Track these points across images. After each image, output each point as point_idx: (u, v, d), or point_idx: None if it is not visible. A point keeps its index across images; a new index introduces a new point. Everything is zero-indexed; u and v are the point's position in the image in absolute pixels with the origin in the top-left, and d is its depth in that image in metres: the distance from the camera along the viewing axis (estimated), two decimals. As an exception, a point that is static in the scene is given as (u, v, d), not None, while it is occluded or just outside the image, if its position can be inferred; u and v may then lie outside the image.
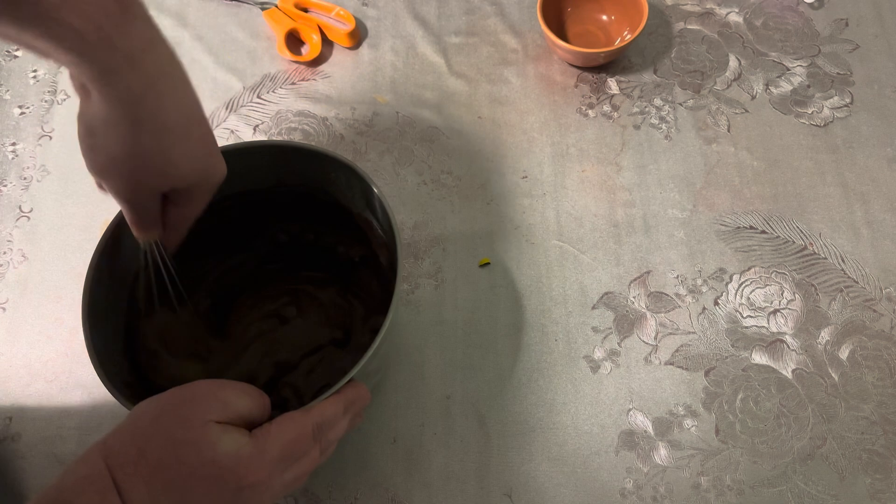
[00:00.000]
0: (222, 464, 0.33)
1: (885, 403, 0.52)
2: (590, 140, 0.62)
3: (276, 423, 0.36)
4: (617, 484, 0.51)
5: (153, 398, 0.36)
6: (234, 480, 0.34)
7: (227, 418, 0.35)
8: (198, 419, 0.34)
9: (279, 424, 0.36)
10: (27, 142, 0.64)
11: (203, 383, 0.36)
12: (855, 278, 0.56)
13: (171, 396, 0.35)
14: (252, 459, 0.34)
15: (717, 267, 0.57)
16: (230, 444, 0.34)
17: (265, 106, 0.65)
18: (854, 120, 0.62)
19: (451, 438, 0.52)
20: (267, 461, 0.35)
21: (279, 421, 0.37)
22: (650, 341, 0.55)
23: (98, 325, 0.42)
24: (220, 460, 0.33)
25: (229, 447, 0.34)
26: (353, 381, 0.40)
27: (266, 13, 0.68)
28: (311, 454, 0.38)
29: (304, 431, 0.37)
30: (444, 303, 0.56)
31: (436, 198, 0.60)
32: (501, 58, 0.66)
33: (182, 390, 0.36)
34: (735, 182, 0.60)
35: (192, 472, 0.33)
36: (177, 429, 0.34)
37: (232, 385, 0.37)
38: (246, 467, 0.34)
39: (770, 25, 0.67)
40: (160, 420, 0.34)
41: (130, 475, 0.32)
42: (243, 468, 0.34)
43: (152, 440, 0.33)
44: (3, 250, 0.60)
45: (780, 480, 0.50)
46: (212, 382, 0.37)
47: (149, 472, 0.33)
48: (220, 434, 0.34)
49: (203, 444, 0.33)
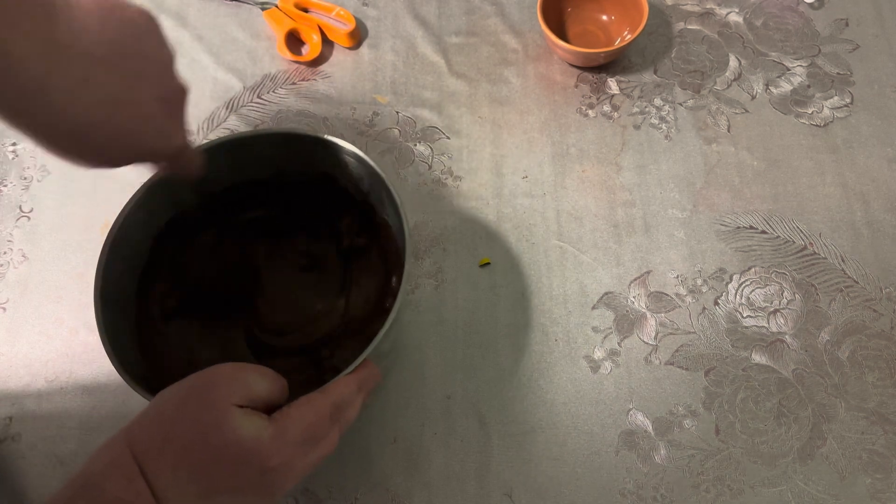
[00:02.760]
0: (246, 447, 0.34)
1: (885, 403, 0.52)
2: (590, 140, 0.62)
3: (296, 405, 0.37)
4: (617, 484, 0.51)
5: (175, 385, 0.36)
6: (257, 463, 0.34)
7: (248, 401, 0.35)
8: (221, 402, 0.34)
9: (298, 407, 0.37)
10: (27, 142, 0.64)
11: (224, 367, 0.36)
12: (855, 278, 0.56)
13: (194, 380, 0.36)
14: (274, 442, 0.34)
15: (717, 267, 0.57)
16: (252, 428, 0.34)
17: (265, 106, 0.65)
18: (854, 120, 0.62)
19: (451, 438, 0.52)
20: (289, 443, 0.35)
21: (298, 403, 0.37)
22: (650, 341, 0.55)
23: (110, 317, 0.43)
24: (243, 443, 0.33)
25: (252, 431, 0.34)
26: (365, 360, 0.40)
27: (266, 13, 0.68)
28: (331, 435, 0.38)
29: (322, 412, 0.37)
30: (444, 303, 0.56)
31: (436, 198, 0.60)
32: (501, 58, 0.66)
33: (204, 374, 0.36)
34: (735, 182, 0.60)
35: (217, 455, 0.33)
36: (201, 412, 0.34)
37: (252, 368, 0.37)
38: (269, 450, 0.34)
39: (770, 25, 0.67)
40: (184, 405, 0.35)
41: (155, 460, 0.33)
42: (266, 451, 0.34)
43: (177, 425, 0.34)
44: (4, 250, 0.60)
45: (780, 480, 0.50)
46: (233, 365, 0.37)
47: (174, 457, 0.33)
48: (243, 418, 0.34)
49: (227, 427, 0.33)
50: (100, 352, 0.41)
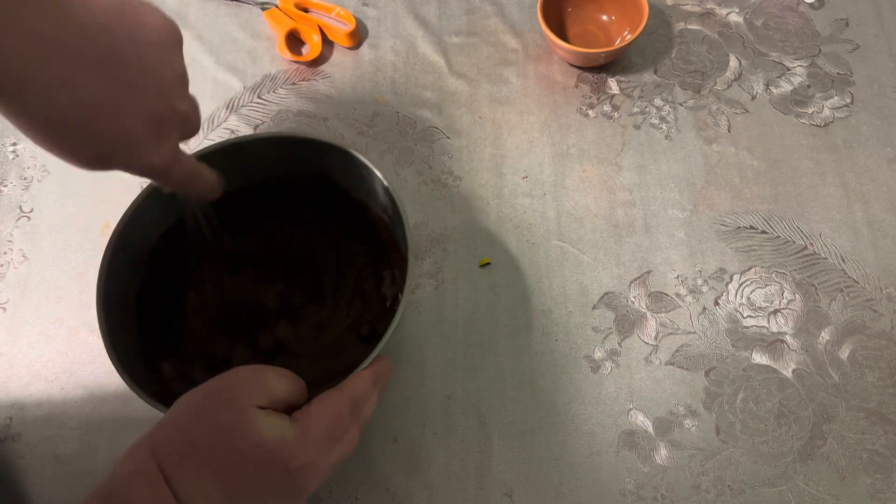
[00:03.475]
0: (270, 448, 0.33)
1: (885, 403, 0.52)
2: (590, 140, 0.62)
3: (315, 404, 0.37)
4: (617, 484, 0.51)
5: (195, 389, 0.36)
6: (282, 464, 0.34)
7: (269, 402, 0.35)
8: (242, 404, 0.34)
9: (318, 405, 0.37)
10: (27, 142, 0.64)
11: (244, 369, 0.36)
12: (855, 278, 0.56)
13: (215, 384, 0.36)
14: (297, 442, 0.34)
15: (718, 267, 0.57)
16: (276, 429, 0.34)
17: (266, 106, 0.65)
18: (854, 120, 0.62)
19: (451, 438, 0.52)
20: (311, 443, 0.35)
21: (317, 402, 0.37)
22: (650, 341, 0.55)
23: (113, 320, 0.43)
24: (266, 444, 0.33)
25: (275, 432, 0.34)
26: (379, 354, 0.41)
27: (266, 13, 0.68)
28: (351, 432, 0.38)
29: (341, 410, 0.37)
30: (444, 303, 0.56)
31: (436, 198, 0.60)
32: (502, 58, 0.66)
33: (224, 377, 0.36)
34: (735, 182, 0.60)
35: (241, 457, 0.33)
36: (223, 415, 0.34)
37: (271, 369, 0.37)
38: (293, 450, 0.34)
39: (770, 25, 0.67)
40: (205, 408, 0.34)
41: (179, 465, 0.32)
42: (290, 452, 0.34)
43: (199, 429, 0.34)
44: (4, 250, 0.60)
45: (780, 480, 0.50)
46: (252, 368, 0.37)
47: (198, 461, 0.33)
48: (265, 419, 0.34)
49: (249, 429, 0.33)
50: (100, 352, 0.41)
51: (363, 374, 0.40)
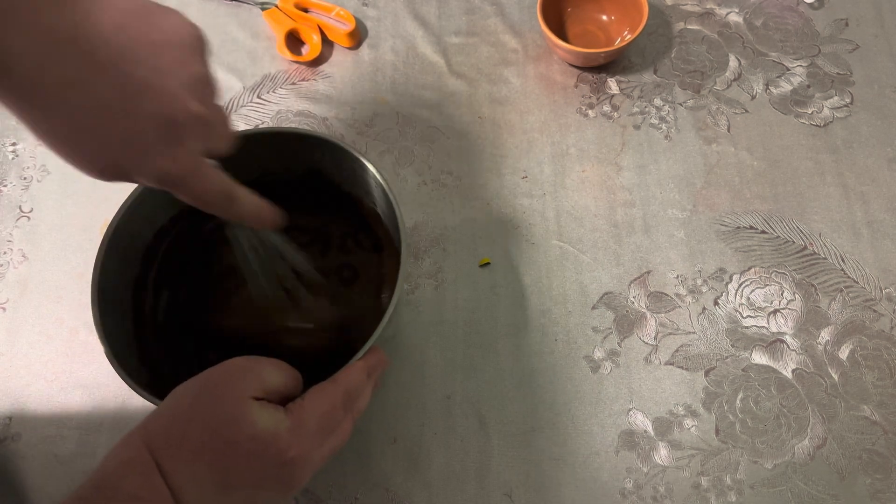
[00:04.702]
0: (264, 439, 0.33)
1: (885, 403, 0.52)
2: (590, 140, 0.62)
3: (309, 396, 0.37)
4: (617, 484, 0.51)
5: (190, 380, 0.36)
6: (275, 456, 0.34)
7: (263, 394, 0.35)
8: (237, 396, 0.34)
9: (312, 397, 0.37)
10: (27, 142, 0.64)
11: (238, 360, 0.36)
12: (855, 278, 0.56)
13: (209, 375, 0.35)
14: (291, 434, 0.34)
15: (717, 267, 0.57)
16: (269, 421, 0.34)
17: (265, 106, 0.65)
18: (854, 120, 0.62)
19: (451, 438, 0.52)
20: (305, 435, 0.35)
21: (311, 394, 0.37)
22: (650, 341, 0.55)
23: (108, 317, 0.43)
24: (260, 436, 0.33)
25: (269, 423, 0.34)
26: (373, 347, 0.41)
27: (266, 13, 0.68)
28: (344, 424, 0.38)
29: (335, 402, 0.37)
30: (444, 303, 0.56)
31: (436, 198, 0.60)
32: (501, 58, 0.66)
33: (218, 369, 0.36)
34: (735, 182, 0.60)
35: (234, 449, 0.33)
36: (217, 407, 0.34)
37: (266, 361, 0.37)
38: (286, 442, 0.34)
39: (770, 25, 0.67)
40: (199, 400, 0.34)
41: (173, 456, 0.32)
42: (283, 444, 0.34)
43: (193, 420, 0.34)
44: (4, 250, 0.60)
45: (780, 480, 0.50)
46: (247, 359, 0.37)
47: (191, 452, 0.33)
48: (259, 411, 0.34)
49: (243, 421, 0.33)
50: (100, 352, 0.41)
51: (357, 366, 0.40)
